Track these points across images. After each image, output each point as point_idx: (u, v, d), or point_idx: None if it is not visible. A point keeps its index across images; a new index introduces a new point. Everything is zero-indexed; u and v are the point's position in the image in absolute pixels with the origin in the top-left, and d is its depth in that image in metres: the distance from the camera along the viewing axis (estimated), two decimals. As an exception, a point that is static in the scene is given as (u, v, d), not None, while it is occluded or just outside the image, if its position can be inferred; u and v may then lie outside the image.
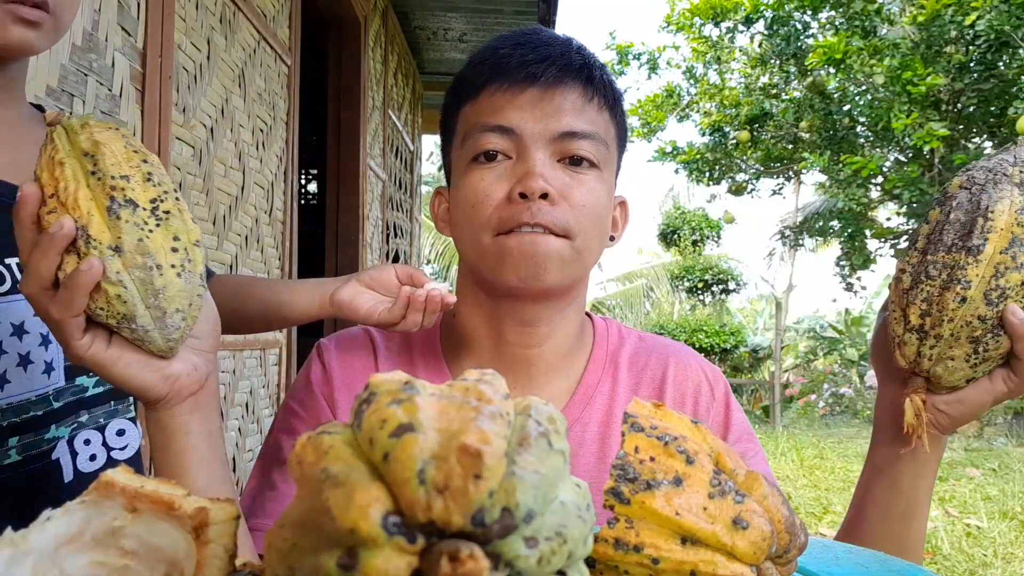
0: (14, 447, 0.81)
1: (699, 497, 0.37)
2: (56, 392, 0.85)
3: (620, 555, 0.35)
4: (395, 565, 0.22)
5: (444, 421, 0.25)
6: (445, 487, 0.22)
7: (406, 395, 0.25)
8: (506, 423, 0.25)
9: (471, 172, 0.83)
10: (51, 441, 0.84)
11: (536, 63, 0.82)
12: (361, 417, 0.25)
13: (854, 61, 7.81)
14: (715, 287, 14.60)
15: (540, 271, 0.80)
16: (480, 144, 0.82)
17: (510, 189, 0.80)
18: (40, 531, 0.30)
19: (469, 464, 0.22)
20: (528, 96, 0.82)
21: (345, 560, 0.22)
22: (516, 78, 0.82)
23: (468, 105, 0.86)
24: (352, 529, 0.22)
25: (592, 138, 0.83)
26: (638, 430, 0.39)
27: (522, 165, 0.80)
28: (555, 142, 0.81)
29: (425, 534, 0.22)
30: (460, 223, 0.85)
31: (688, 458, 0.38)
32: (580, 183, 0.82)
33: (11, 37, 0.77)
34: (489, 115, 0.82)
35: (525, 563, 0.23)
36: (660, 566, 0.36)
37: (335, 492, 0.23)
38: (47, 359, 0.83)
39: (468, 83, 0.86)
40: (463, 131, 0.85)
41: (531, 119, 0.81)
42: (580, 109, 0.83)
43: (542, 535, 0.23)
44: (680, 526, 0.36)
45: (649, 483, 0.37)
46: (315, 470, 0.24)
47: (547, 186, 0.79)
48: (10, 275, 0.81)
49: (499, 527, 0.22)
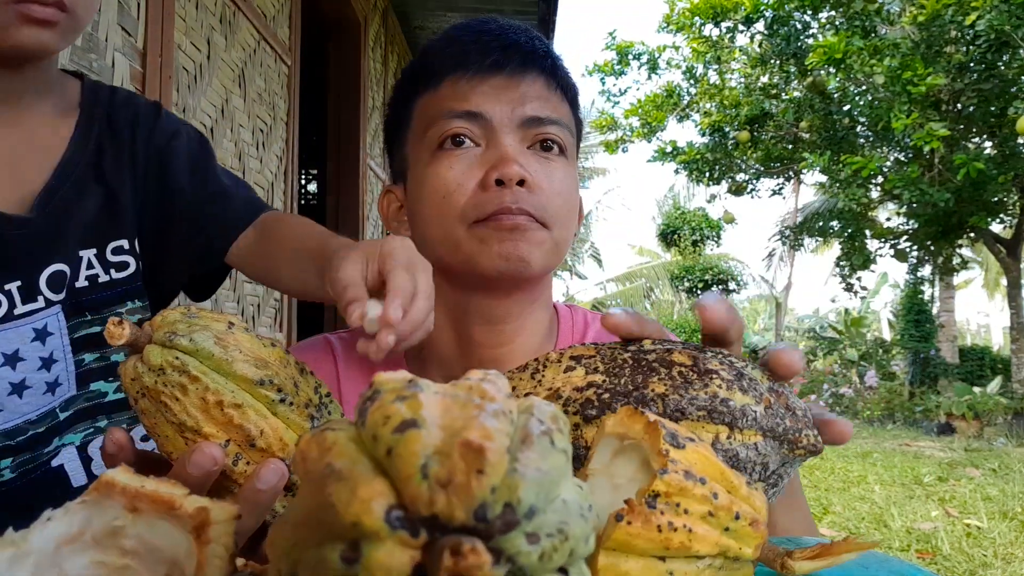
0: (7, 467, 0.79)
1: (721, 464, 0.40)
2: (65, 403, 0.82)
3: (689, 485, 0.36)
4: (398, 559, 0.22)
5: (448, 418, 0.25)
6: (448, 482, 0.22)
7: (410, 392, 0.26)
8: (509, 421, 0.26)
9: (437, 161, 0.79)
10: (50, 454, 0.82)
11: (500, 51, 0.79)
12: (365, 414, 0.25)
13: (854, 61, 7.81)
14: (715, 287, 14.61)
15: (526, 256, 0.77)
16: (446, 129, 0.78)
17: (483, 176, 0.77)
18: (41, 531, 0.30)
19: (472, 459, 0.23)
20: (493, 83, 0.79)
21: (348, 553, 0.22)
22: (480, 65, 0.79)
23: (426, 96, 0.82)
24: (355, 523, 0.22)
25: (558, 124, 0.81)
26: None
27: (494, 151, 0.78)
28: (523, 127, 0.79)
29: (428, 528, 0.22)
30: (426, 217, 0.80)
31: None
32: (552, 169, 0.80)
33: (23, 39, 0.73)
34: (453, 101, 0.79)
35: (527, 559, 0.23)
36: (718, 502, 0.37)
37: (338, 486, 0.23)
38: (48, 380, 0.80)
39: (425, 73, 0.82)
40: (423, 122, 0.82)
41: (498, 104, 0.78)
42: (545, 97, 0.81)
43: (544, 532, 0.23)
44: (723, 473, 0.38)
45: (690, 438, 0.39)
46: (319, 466, 0.24)
47: (524, 172, 0.76)
48: (6, 301, 0.77)
49: (501, 523, 0.22)
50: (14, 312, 0.77)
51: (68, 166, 0.82)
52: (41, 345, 0.79)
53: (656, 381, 0.47)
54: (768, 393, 0.48)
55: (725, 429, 0.46)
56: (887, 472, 5.88)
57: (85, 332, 0.82)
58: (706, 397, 0.46)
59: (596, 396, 0.48)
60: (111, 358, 0.84)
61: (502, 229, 0.76)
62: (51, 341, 0.80)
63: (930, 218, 8.83)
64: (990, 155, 8.33)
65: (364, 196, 4.51)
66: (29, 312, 0.78)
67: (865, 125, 9.02)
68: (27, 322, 0.78)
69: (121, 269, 0.84)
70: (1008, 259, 9.55)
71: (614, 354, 0.50)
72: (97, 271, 0.82)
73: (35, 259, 0.78)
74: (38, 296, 0.78)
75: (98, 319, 0.82)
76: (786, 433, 0.47)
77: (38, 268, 0.78)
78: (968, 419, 8.34)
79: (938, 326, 11.56)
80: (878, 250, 10.45)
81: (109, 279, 0.83)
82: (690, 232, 15.20)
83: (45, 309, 0.79)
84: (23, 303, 0.77)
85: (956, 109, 8.32)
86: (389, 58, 5.17)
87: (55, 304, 0.79)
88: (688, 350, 0.50)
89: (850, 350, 12.45)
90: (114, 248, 0.83)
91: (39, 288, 0.78)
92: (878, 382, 10.94)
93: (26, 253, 0.78)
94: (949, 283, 12.03)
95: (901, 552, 3.64)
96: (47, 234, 0.79)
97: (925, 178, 8.12)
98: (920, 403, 9.56)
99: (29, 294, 0.78)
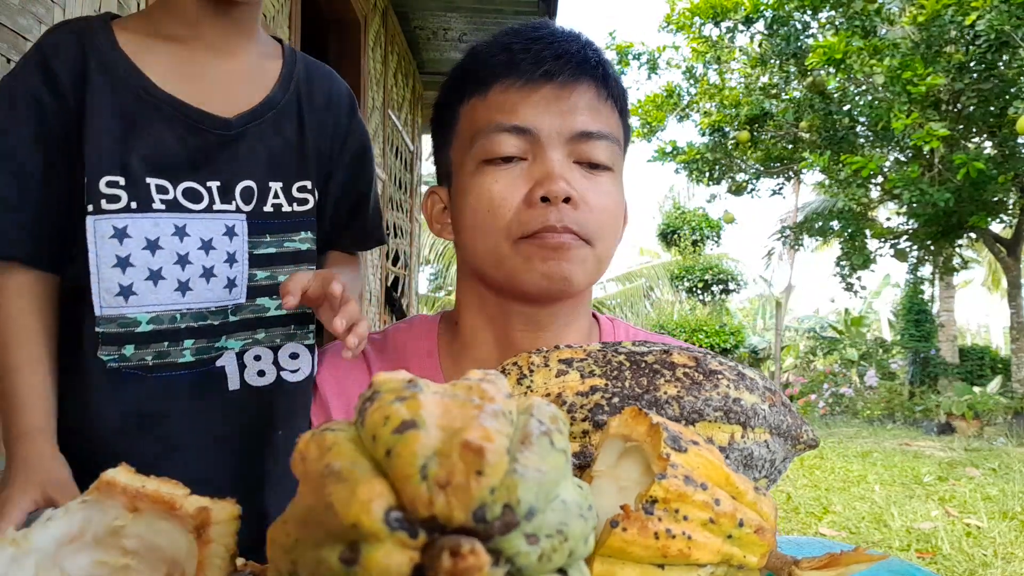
0: (188, 348, 0.87)
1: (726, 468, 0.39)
2: (235, 307, 0.90)
3: (689, 491, 0.36)
4: (396, 560, 0.22)
5: (447, 418, 0.25)
6: (447, 483, 0.22)
7: (409, 393, 0.25)
8: (508, 421, 0.25)
9: (483, 174, 0.79)
10: (219, 350, 0.89)
11: (552, 60, 0.78)
12: (364, 414, 0.25)
13: (854, 61, 7.81)
14: (715, 287, 14.60)
15: (569, 276, 0.77)
16: (495, 147, 0.78)
17: (528, 192, 0.77)
18: (42, 531, 0.30)
19: (471, 461, 0.22)
20: (543, 94, 0.78)
21: (347, 554, 0.22)
22: (532, 75, 0.78)
23: (474, 100, 0.82)
24: (354, 524, 0.22)
25: (607, 139, 0.80)
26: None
27: (540, 167, 0.77)
28: (571, 142, 0.78)
29: (427, 529, 0.22)
30: (471, 228, 0.81)
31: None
32: (597, 186, 0.79)
33: None
34: (502, 114, 0.78)
35: (526, 559, 0.23)
36: (720, 509, 0.36)
37: (338, 487, 0.23)
38: (230, 275, 0.89)
39: (474, 78, 0.82)
40: (470, 129, 0.82)
41: (547, 117, 0.78)
42: (596, 108, 0.80)
43: (543, 532, 0.23)
44: (728, 478, 0.38)
45: (694, 442, 0.39)
46: (318, 466, 0.24)
47: (570, 189, 0.76)
48: (207, 195, 0.87)
49: (500, 524, 0.22)
50: (212, 207, 0.87)
51: (272, 101, 0.92)
52: (229, 241, 0.88)
53: (664, 383, 0.47)
54: (767, 391, 0.48)
55: (739, 428, 0.46)
56: (887, 472, 5.88)
57: (262, 251, 0.91)
58: (719, 397, 0.46)
59: (605, 400, 0.47)
60: (278, 277, 0.92)
61: (546, 247, 0.77)
62: (236, 242, 0.89)
63: (930, 218, 8.82)
64: (990, 155, 8.32)
65: (364, 196, 4.51)
66: (223, 211, 0.88)
67: (865, 125, 9.01)
68: (221, 218, 0.88)
69: (303, 204, 0.93)
70: (1008, 259, 9.54)
71: (606, 356, 0.50)
72: (282, 201, 0.92)
73: (233, 169, 0.88)
74: (232, 201, 0.88)
75: (275, 241, 0.92)
76: (789, 429, 0.48)
77: (235, 178, 0.88)
78: (968, 419, 8.34)
79: (938, 326, 11.55)
80: (878, 250, 10.44)
81: (291, 210, 0.93)
82: (690, 232, 15.18)
83: (236, 213, 0.89)
84: (220, 202, 0.88)
85: (956, 109, 8.32)
86: (389, 58, 5.16)
87: (243, 214, 0.89)
88: (684, 351, 0.50)
89: (850, 350, 12.44)
90: (299, 187, 0.93)
91: (234, 195, 0.88)
92: (878, 382, 10.93)
93: (226, 159, 0.88)
94: (949, 283, 12.03)
95: (901, 552, 3.64)
96: (244, 146, 0.89)
97: (925, 178, 8.11)
98: (920, 403, 9.56)
99: (225, 197, 0.88)
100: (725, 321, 13.81)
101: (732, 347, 12.56)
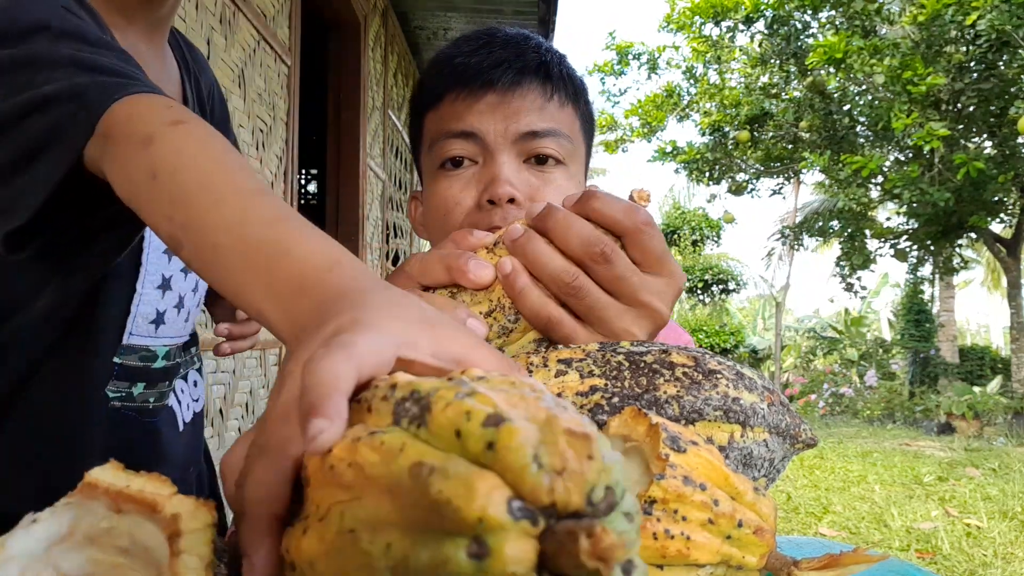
0: (170, 389, 0.85)
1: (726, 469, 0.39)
2: (189, 339, 0.88)
3: (688, 491, 0.36)
4: (524, 549, 0.23)
5: (520, 409, 0.25)
6: (563, 469, 0.23)
7: (466, 389, 0.26)
8: (567, 407, 0.26)
9: (439, 179, 0.83)
10: (170, 387, 0.86)
11: (492, 68, 0.82)
12: (424, 414, 0.25)
13: (854, 61, 7.80)
14: (715, 287, 14.61)
15: None
16: (445, 150, 0.82)
17: (478, 195, 0.80)
18: (25, 534, 0.30)
19: (580, 446, 0.24)
20: (487, 101, 0.82)
21: (475, 549, 0.22)
22: (474, 85, 0.82)
23: (431, 113, 0.86)
24: (480, 517, 0.22)
25: (555, 135, 0.83)
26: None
27: (488, 170, 0.81)
28: (518, 143, 0.82)
29: (545, 516, 0.23)
30: (432, 231, 0.86)
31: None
32: (547, 182, 0.82)
33: None
34: (451, 122, 0.82)
35: (627, 537, 0.24)
36: (719, 509, 0.37)
37: (448, 484, 0.23)
38: (191, 307, 0.86)
39: (429, 91, 0.87)
40: (429, 138, 0.86)
41: (492, 122, 0.81)
42: (540, 108, 0.83)
43: (633, 510, 0.25)
44: (727, 479, 0.38)
45: (693, 442, 0.39)
46: (393, 468, 0.24)
47: (513, 191, 0.79)
48: None
49: (605, 505, 0.24)
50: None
51: (186, 94, 0.89)
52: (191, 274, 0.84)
53: (663, 383, 0.47)
54: (765, 391, 0.48)
55: (739, 428, 0.46)
56: (887, 472, 5.88)
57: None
58: (719, 397, 0.46)
59: (605, 400, 0.47)
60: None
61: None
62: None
63: (930, 218, 8.82)
64: (990, 155, 8.32)
65: (364, 196, 4.51)
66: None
67: (865, 125, 9.01)
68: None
69: None
70: (1008, 259, 9.54)
71: (605, 356, 0.50)
72: None
73: None
74: None
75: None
76: (788, 429, 0.48)
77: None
78: (968, 419, 8.33)
79: (938, 326, 11.55)
80: (878, 250, 10.43)
81: None
82: (690, 232, 15.19)
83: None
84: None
85: (956, 109, 8.31)
86: (389, 58, 5.16)
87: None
88: (683, 351, 0.49)
89: (850, 350, 12.44)
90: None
91: None
92: (878, 382, 10.93)
93: None
94: (949, 283, 12.03)
95: (901, 552, 3.64)
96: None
97: (925, 178, 8.11)
98: (920, 403, 9.55)
99: None
100: (725, 321, 13.82)
101: (732, 347, 12.57)
